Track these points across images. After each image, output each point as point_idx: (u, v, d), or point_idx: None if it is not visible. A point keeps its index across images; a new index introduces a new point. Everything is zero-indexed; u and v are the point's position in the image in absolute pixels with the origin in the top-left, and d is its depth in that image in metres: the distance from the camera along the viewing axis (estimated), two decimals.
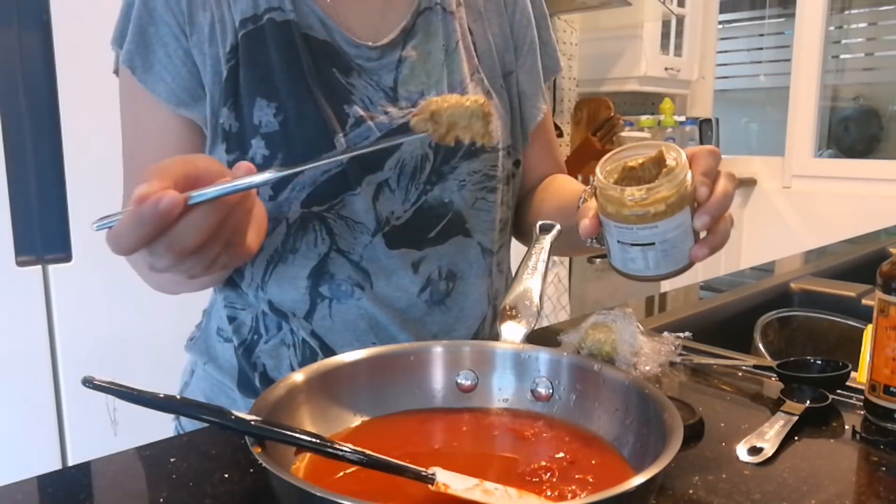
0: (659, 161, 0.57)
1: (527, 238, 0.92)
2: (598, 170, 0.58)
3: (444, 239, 0.78)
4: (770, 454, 0.57)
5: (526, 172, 0.90)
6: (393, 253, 0.75)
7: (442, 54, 0.78)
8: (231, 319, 0.79)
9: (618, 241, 0.58)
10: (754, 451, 0.57)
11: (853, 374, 0.72)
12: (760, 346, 0.98)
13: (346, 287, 0.75)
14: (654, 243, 0.56)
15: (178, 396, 0.44)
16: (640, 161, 0.57)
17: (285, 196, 0.72)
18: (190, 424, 0.82)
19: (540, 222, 0.71)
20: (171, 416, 0.87)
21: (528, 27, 0.86)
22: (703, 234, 0.59)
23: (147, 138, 0.74)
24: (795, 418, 0.62)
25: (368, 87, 0.74)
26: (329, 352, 0.76)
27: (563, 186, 0.87)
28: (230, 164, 0.70)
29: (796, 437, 0.61)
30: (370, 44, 0.75)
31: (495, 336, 0.59)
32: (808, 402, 0.66)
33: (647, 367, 0.75)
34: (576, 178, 3.43)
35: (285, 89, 0.71)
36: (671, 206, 0.54)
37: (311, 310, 0.76)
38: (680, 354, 0.80)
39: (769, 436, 0.60)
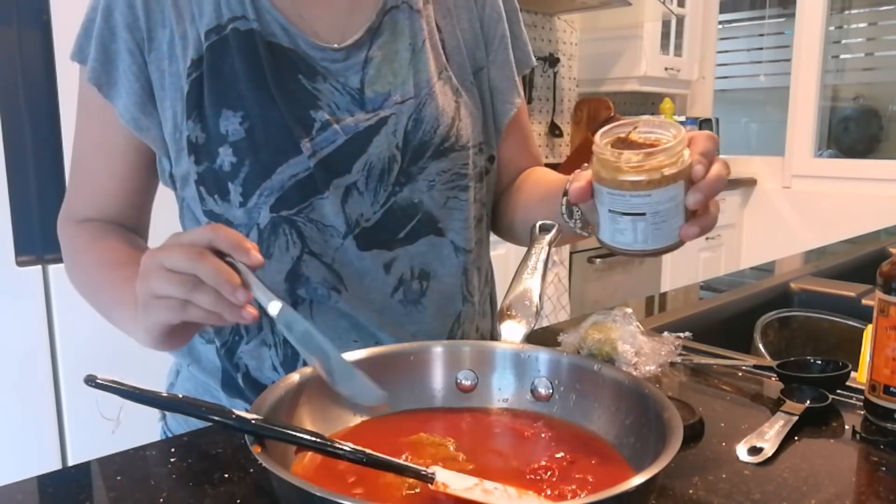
0: (657, 142, 0.56)
1: (505, 234, 0.92)
2: (597, 136, 0.58)
3: (415, 238, 0.78)
4: (770, 454, 0.57)
5: (502, 167, 0.89)
6: (364, 255, 0.76)
7: (409, 53, 0.78)
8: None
9: (609, 211, 0.57)
10: (754, 451, 0.57)
11: (853, 374, 0.72)
12: (760, 346, 0.98)
13: (322, 290, 0.75)
14: (644, 213, 0.55)
15: (180, 396, 0.44)
16: (639, 136, 0.57)
17: (254, 202, 0.72)
18: (177, 426, 0.82)
19: (539, 222, 0.71)
20: (158, 418, 0.86)
21: (498, 21, 0.85)
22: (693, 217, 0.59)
23: (99, 151, 0.78)
24: (795, 418, 0.63)
25: (335, 92, 0.74)
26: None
27: (542, 178, 0.87)
28: (199, 174, 0.73)
29: (796, 437, 0.61)
30: (335, 45, 0.75)
31: (486, 334, 0.59)
32: (809, 402, 0.66)
33: (647, 367, 0.75)
34: None
35: (250, 97, 0.71)
36: (666, 178, 0.54)
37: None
38: (680, 354, 0.80)
39: (769, 436, 0.60)
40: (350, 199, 0.74)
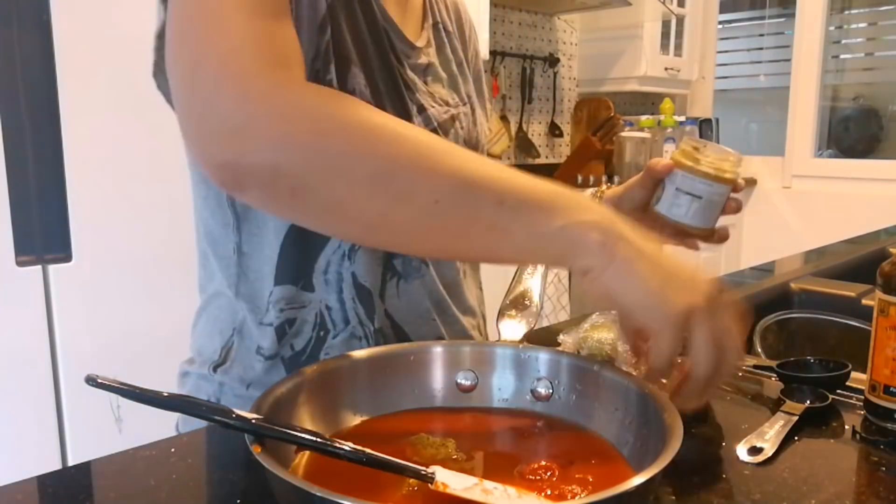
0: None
1: None
2: (685, 138, 0.81)
3: None
4: (770, 454, 0.57)
5: None
6: None
7: (454, 67, 0.84)
8: (290, 323, 0.75)
9: (676, 189, 0.76)
10: (754, 451, 0.57)
11: (853, 373, 0.72)
12: (759, 349, 0.98)
13: (416, 262, 0.77)
14: (701, 197, 0.75)
15: (180, 394, 0.44)
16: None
17: None
18: (183, 425, 0.82)
19: None
20: (174, 415, 0.86)
21: (477, 59, 0.94)
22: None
23: None
24: (795, 418, 0.63)
25: (416, 79, 0.78)
26: (401, 333, 0.77)
27: None
28: None
29: (796, 438, 0.61)
30: (413, 42, 0.78)
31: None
32: (809, 402, 0.66)
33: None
34: (575, 177, 3.42)
35: (370, 64, 0.72)
36: (725, 178, 0.75)
37: (382, 288, 0.76)
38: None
39: (769, 436, 0.60)
40: None
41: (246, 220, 0.74)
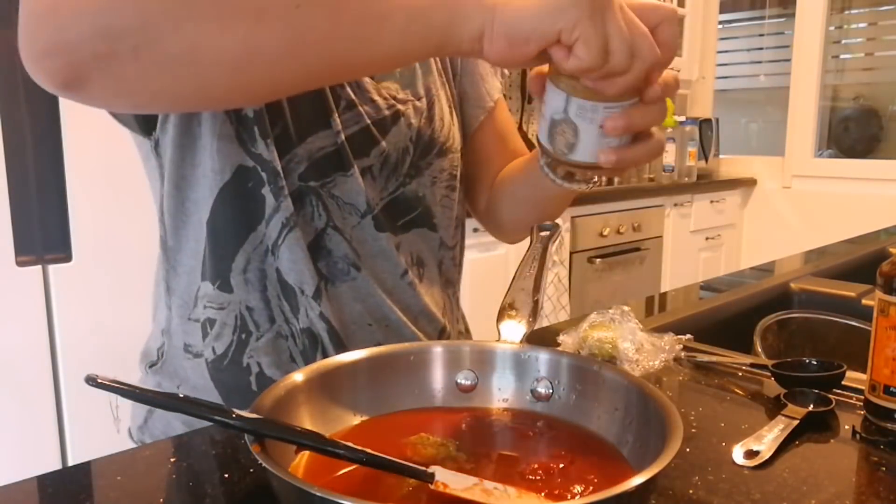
0: None
1: (497, 229, 0.95)
2: None
3: (410, 228, 0.81)
4: (766, 457, 0.57)
5: (481, 166, 0.92)
6: (380, 235, 0.77)
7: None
8: (210, 323, 0.74)
9: (550, 116, 0.60)
10: (750, 454, 0.57)
11: (853, 374, 0.72)
12: (759, 349, 0.98)
13: (343, 265, 0.76)
14: (575, 122, 0.58)
15: (181, 395, 0.44)
16: None
17: (283, 165, 0.71)
18: (160, 423, 0.79)
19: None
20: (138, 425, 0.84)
21: None
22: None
23: None
24: (796, 422, 0.62)
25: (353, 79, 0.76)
26: (336, 338, 0.75)
27: (520, 159, 0.90)
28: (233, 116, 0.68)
29: (796, 438, 0.61)
30: None
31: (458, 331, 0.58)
32: (811, 406, 0.66)
33: (648, 366, 0.75)
34: None
35: None
36: (610, 95, 0.56)
37: (319, 288, 0.74)
38: (680, 353, 0.80)
39: (767, 439, 0.60)
40: (366, 181, 0.76)
41: (169, 213, 0.74)
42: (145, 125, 0.72)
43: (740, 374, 0.78)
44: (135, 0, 0.45)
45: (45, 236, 1.64)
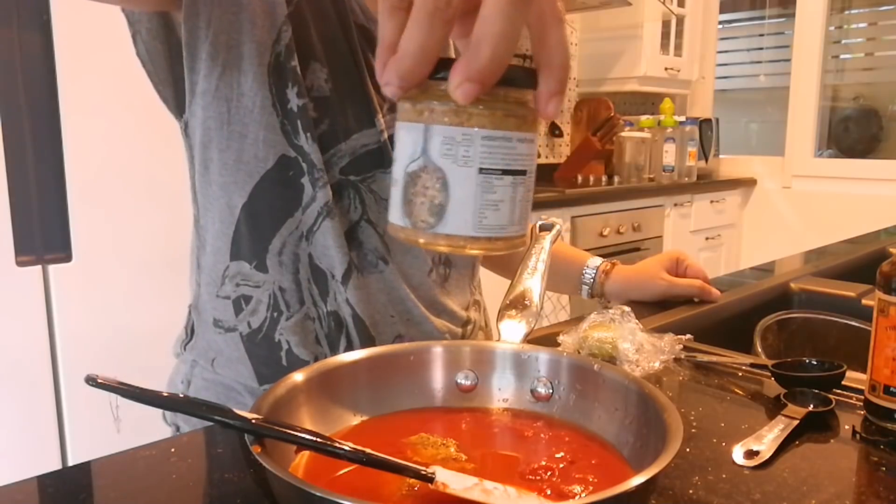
0: None
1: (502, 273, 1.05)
2: None
3: None
4: (766, 458, 0.57)
5: None
6: None
7: None
8: (245, 300, 0.78)
9: None
10: (750, 454, 0.57)
11: (853, 374, 0.72)
12: (759, 349, 0.98)
13: (372, 258, 0.79)
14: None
15: (181, 395, 0.44)
16: None
17: (325, 159, 0.75)
18: (185, 425, 0.82)
19: (539, 222, 0.71)
20: (169, 422, 0.86)
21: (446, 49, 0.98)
22: None
23: None
24: (796, 422, 0.62)
25: None
26: (360, 325, 0.78)
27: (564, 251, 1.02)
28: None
29: (797, 439, 0.61)
30: None
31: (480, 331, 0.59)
32: (811, 406, 0.66)
33: (648, 366, 0.75)
34: (575, 177, 3.41)
35: (336, 59, 0.75)
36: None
37: (348, 274, 0.77)
38: (680, 353, 0.80)
39: (767, 439, 0.60)
40: None
41: (200, 193, 0.78)
42: (176, 106, 0.76)
43: (740, 374, 0.78)
44: None
45: (45, 236, 1.64)
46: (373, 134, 0.77)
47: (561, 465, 0.50)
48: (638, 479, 0.39)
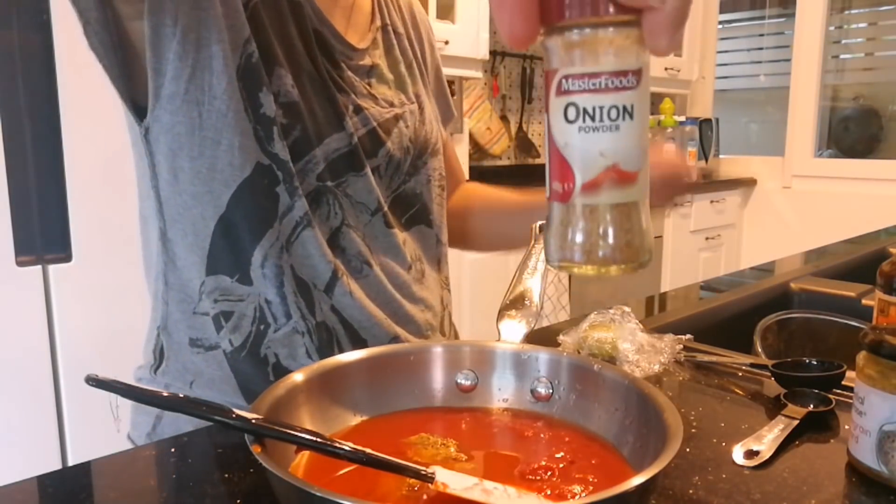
0: None
1: (458, 243, 1.01)
2: None
3: (411, 225, 0.86)
4: (766, 458, 0.57)
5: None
6: (389, 232, 0.81)
7: (403, 68, 0.87)
8: (226, 315, 0.74)
9: None
10: (750, 454, 0.57)
11: (848, 373, 0.72)
12: (759, 349, 0.98)
13: (356, 262, 0.78)
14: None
15: (181, 395, 0.44)
16: None
17: (300, 167, 0.73)
18: (170, 429, 0.78)
19: (539, 222, 0.71)
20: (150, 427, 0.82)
21: (433, 52, 0.97)
22: None
23: None
24: (796, 422, 0.62)
25: (355, 83, 0.79)
26: (352, 332, 0.77)
27: (496, 195, 1.01)
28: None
29: (796, 438, 0.61)
30: (354, 43, 0.80)
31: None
32: (811, 406, 0.66)
33: (648, 366, 0.75)
34: None
35: (305, 65, 0.74)
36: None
37: (332, 282, 0.76)
38: (680, 353, 0.80)
39: (767, 439, 0.60)
40: (375, 180, 0.80)
41: (167, 204, 0.73)
42: (136, 109, 0.71)
43: (740, 374, 0.78)
44: None
45: (45, 236, 1.64)
46: (343, 137, 0.76)
47: (561, 465, 0.50)
48: (638, 479, 0.39)
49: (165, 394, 0.46)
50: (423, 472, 0.44)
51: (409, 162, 0.84)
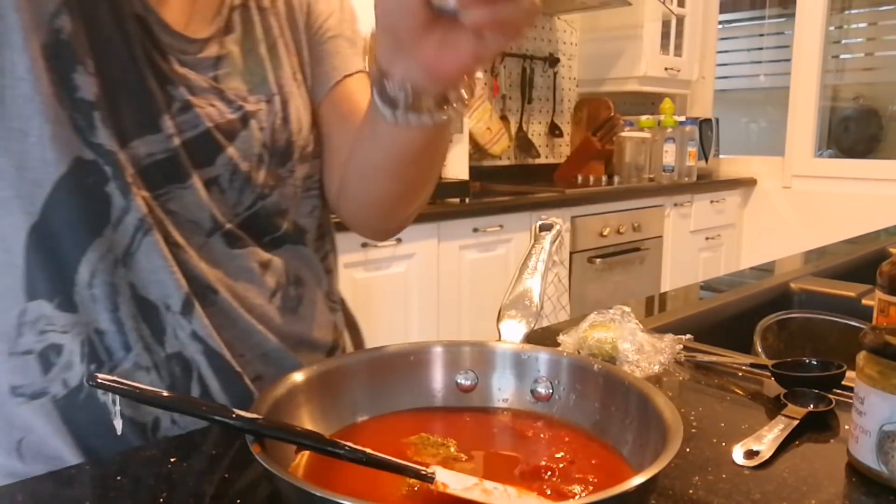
0: None
1: (352, 217, 0.79)
2: None
3: (279, 245, 0.73)
4: (766, 458, 0.57)
5: (326, 148, 0.78)
6: (235, 253, 0.69)
7: (265, 51, 0.72)
8: (56, 350, 0.61)
9: None
10: (750, 454, 0.57)
11: (848, 373, 0.72)
12: (759, 349, 0.98)
13: (197, 287, 0.66)
14: None
15: (181, 395, 0.44)
16: None
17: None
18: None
19: (539, 222, 0.71)
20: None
21: (315, 14, 0.78)
22: None
23: None
24: (796, 422, 0.62)
25: (190, 75, 0.66)
26: (215, 358, 0.66)
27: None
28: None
29: (796, 438, 0.61)
30: (188, 35, 0.67)
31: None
32: (811, 406, 0.66)
33: (648, 366, 0.75)
34: (576, 178, 3.41)
35: (121, 60, 0.62)
36: None
37: (189, 302, 0.64)
38: (680, 353, 0.80)
39: (767, 439, 0.60)
40: (212, 194, 0.67)
41: None
42: None
43: (740, 374, 0.78)
44: None
45: None
46: (159, 140, 0.63)
47: (561, 465, 0.50)
48: (638, 479, 0.39)
49: (165, 394, 0.46)
50: (423, 472, 0.44)
51: (267, 172, 0.70)
